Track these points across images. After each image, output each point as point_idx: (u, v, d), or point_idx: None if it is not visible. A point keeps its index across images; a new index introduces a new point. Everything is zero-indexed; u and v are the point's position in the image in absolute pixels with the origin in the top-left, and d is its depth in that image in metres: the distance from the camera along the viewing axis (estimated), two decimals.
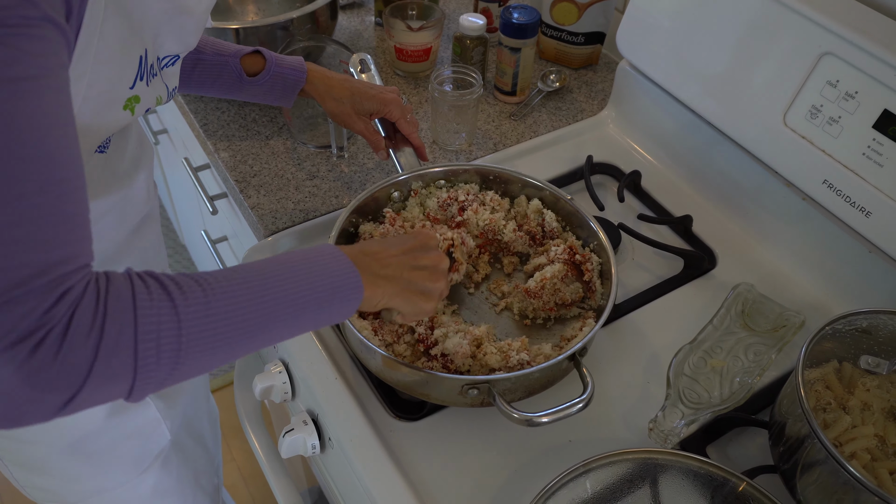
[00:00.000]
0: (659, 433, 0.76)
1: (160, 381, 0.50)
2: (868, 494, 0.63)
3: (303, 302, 0.57)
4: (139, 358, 0.47)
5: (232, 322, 0.52)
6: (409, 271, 0.67)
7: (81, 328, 0.46)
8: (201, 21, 0.71)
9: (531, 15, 1.15)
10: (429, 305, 0.69)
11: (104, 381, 0.47)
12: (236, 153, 1.11)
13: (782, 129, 0.90)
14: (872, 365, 0.70)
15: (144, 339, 0.48)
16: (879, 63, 0.78)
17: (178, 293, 0.50)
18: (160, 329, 0.48)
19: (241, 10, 1.35)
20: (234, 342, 0.53)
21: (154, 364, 0.48)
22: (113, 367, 0.47)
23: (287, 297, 0.56)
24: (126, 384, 0.48)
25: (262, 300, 0.54)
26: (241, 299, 0.53)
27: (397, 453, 0.77)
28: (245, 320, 0.53)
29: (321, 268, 0.59)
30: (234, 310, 0.52)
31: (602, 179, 1.12)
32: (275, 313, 0.55)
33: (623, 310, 0.92)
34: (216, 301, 0.51)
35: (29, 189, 0.45)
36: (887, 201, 0.81)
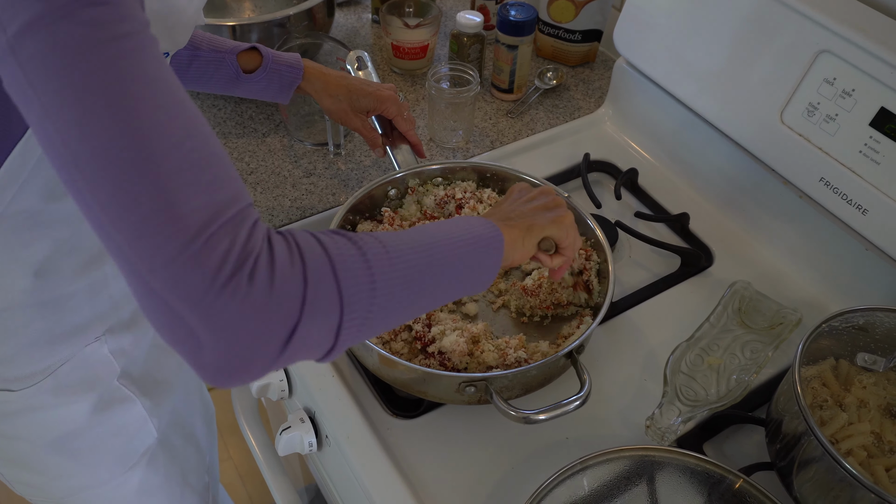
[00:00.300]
0: (656, 430, 0.76)
1: (362, 316, 0.50)
2: (864, 491, 0.63)
3: (457, 250, 0.59)
4: (342, 287, 0.48)
5: (409, 266, 0.53)
6: (529, 208, 0.72)
7: (283, 256, 0.46)
8: (192, 19, 0.71)
9: (528, 12, 1.15)
10: (568, 217, 0.72)
11: (318, 309, 0.47)
12: (233, 150, 1.11)
13: (779, 126, 0.90)
14: (869, 362, 0.70)
15: (343, 270, 0.48)
16: (876, 61, 0.79)
17: (359, 240, 0.51)
18: (353, 265, 0.49)
19: (238, 6, 1.35)
20: (414, 285, 0.54)
21: (357, 294, 0.49)
22: (322, 293, 0.47)
23: (443, 246, 0.58)
24: (335, 315, 0.48)
25: (427, 249, 0.56)
26: (411, 248, 0.55)
27: (394, 451, 0.77)
28: (418, 265, 0.54)
29: (465, 223, 0.62)
30: (408, 255, 0.54)
31: (599, 177, 1.12)
32: (439, 259, 0.57)
33: (620, 307, 0.92)
34: (392, 248, 0.53)
35: (178, 134, 0.45)
36: (884, 199, 0.81)
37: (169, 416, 0.95)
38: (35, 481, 0.87)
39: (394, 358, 0.74)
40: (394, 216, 0.91)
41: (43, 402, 0.78)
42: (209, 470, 1.16)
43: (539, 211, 0.72)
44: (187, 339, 0.45)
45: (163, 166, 0.44)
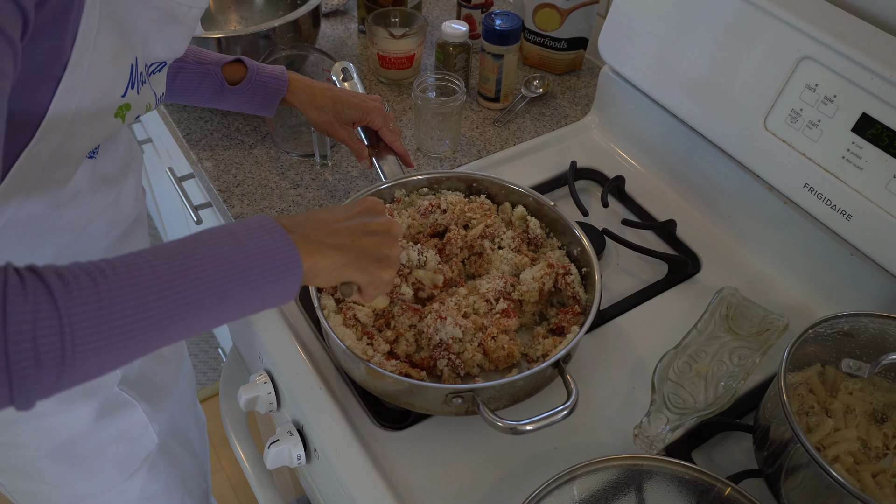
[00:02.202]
0: (644, 439, 0.76)
1: (47, 386, 0.44)
2: (852, 498, 0.63)
3: (227, 285, 0.49)
4: (12, 363, 0.42)
5: (133, 317, 0.45)
6: (360, 238, 0.60)
7: None
8: (191, 29, 0.71)
9: (513, 21, 1.15)
10: (387, 274, 0.62)
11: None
12: (220, 162, 1.10)
13: (763, 133, 0.90)
14: (854, 368, 0.70)
15: (16, 339, 0.42)
16: (857, 67, 0.79)
17: (59, 286, 0.43)
18: (36, 329, 0.42)
19: (224, 18, 1.35)
20: (140, 338, 0.46)
21: (33, 369, 0.42)
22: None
23: (206, 280, 0.48)
24: (3, 393, 0.42)
25: (173, 289, 0.47)
26: (145, 288, 0.46)
27: (382, 463, 0.77)
28: (151, 314, 0.46)
29: (249, 241, 0.51)
30: (134, 301, 0.45)
31: (586, 185, 1.12)
32: (192, 303, 0.48)
33: (608, 315, 0.92)
34: (111, 293, 0.45)
35: None
36: (867, 204, 0.81)
37: (168, 422, 0.95)
38: (36, 490, 0.87)
39: (380, 370, 0.74)
40: (392, 209, 0.91)
41: (44, 409, 0.78)
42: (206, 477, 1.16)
43: (367, 246, 0.61)
44: None
45: None
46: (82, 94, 0.58)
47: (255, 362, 0.96)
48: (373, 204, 0.66)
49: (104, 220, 0.77)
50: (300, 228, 0.56)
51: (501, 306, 0.84)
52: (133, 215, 0.84)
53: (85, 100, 0.59)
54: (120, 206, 0.80)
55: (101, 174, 0.73)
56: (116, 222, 0.80)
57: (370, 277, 0.61)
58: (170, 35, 0.68)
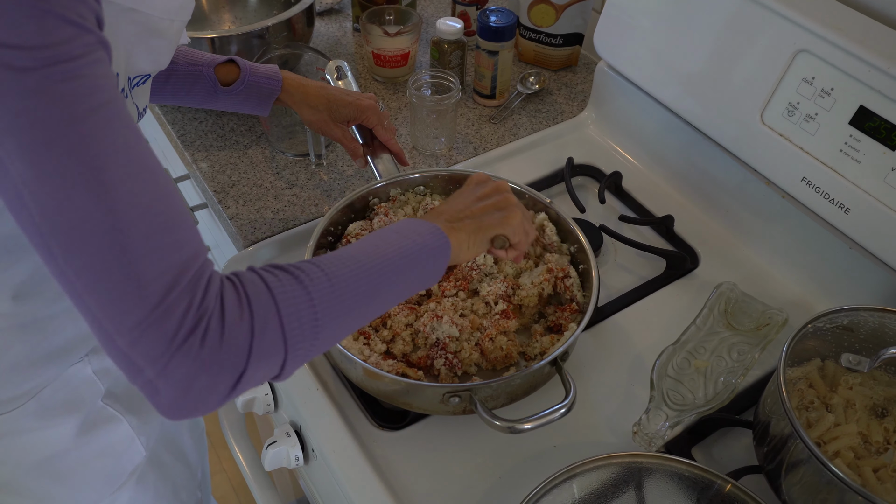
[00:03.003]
0: (643, 436, 0.75)
1: (307, 351, 0.54)
2: (853, 494, 0.62)
3: (402, 262, 0.62)
4: (286, 332, 0.52)
5: (351, 292, 0.57)
6: (477, 207, 0.72)
7: (233, 312, 0.50)
8: (173, 42, 0.70)
9: (508, 18, 1.15)
10: (517, 216, 0.73)
11: (263, 356, 0.51)
12: (215, 163, 1.10)
13: (760, 127, 0.90)
14: (853, 363, 0.70)
15: (287, 314, 0.52)
16: (854, 59, 0.78)
17: (302, 275, 0.55)
18: (297, 305, 0.53)
19: (217, 18, 1.34)
20: (357, 308, 0.58)
21: (300, 336, 0.53)
22: (267, 342, 0.51)
23: (387, 262, 0.61)
24: (279, 357, 0.52)
25: (371, 268, 0.59)
26: (354, 271, 0.58)
27: (381, 463, 0.76)
28: (360, 289, 0.58)
29: (409, 232, 0.65)
30: (351, 281, 0.57)
31: (583, 181, 1.11)
32: (383, 277, 0.60)
33: (606, 312, 0.92)
34: (336, 277, 0.56)
35: (146, 200, 0.48)
36: (866, 197, 0.81)
37: (157, 433, 0.94)
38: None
39: (377, 370, 0.73)
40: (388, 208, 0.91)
41: (26, 425, 0.77)
42: (201, 485, 1.15)
43: (488, 211, 0.73)
44: (146, 385, 0.50)
45: (132, 235, 0.47)
46: None
47: None
48: (478, 177, 0.78)
49: None
50: (436, 219, 0.69)
51: (501, 307, 0.83)
52: None
53: None
54: None
55: None
56: None
57: (504, 225, 0.72)
58: (153, 48, 0.67)
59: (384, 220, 0.89)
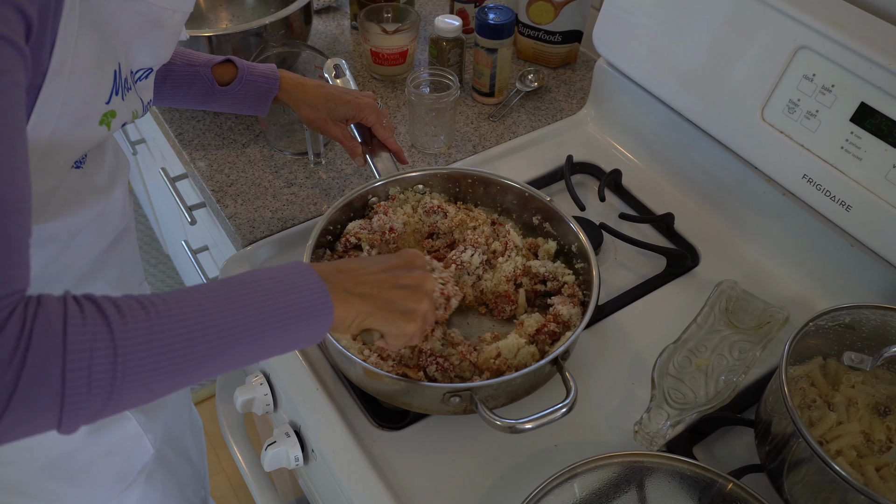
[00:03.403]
0: (644, 435, 0.75)
1: (93, 412, 0.46)
2: (855, 493, 0.62)
3: (264, 324, 0.52)
4: (67, 388, 0.44)
5: (179, 349, 0.48)
6: (388, 290, 0.62)
7: (2, 356, 0.42)
8: (175, 34, 0.70)
9: (507, 15, 1.14)
10: (410, 327, 0.64)
11: (26, 412, 0.43)
12: (213, 162, 1.09)
13: (760, 124, 0.89)
14: (856, 361, 0.69)
15: (74, 367, 0.44)
16: (855, 56, 0.78)
17: (116, 317, 0.46)
18: (92, 357, 0.44)
19: (215, 17, 1.33)
20: (181, 371, 0.48)
21: (84, 395, 0.45)
22: (36, 397, 0.43)
23: (246, 319, 0.51)
24: (53, 416, 0.45)
25: (216, 324, 0.50)
26: (192, 323, 0.49)
27: (381, 463, 0.76)
28: (195, 347, 0.49)
29: (286, 285, 0.55)
30: (181, 335, 0.48)
31: (583, 179, 1.11)
32: (231, 338, 0.51)
33: (606, 310, 0.91)
34: (161, 326, 0.47)
35: None
36: (867, 195, 0.81)
37: (163, 431, 0.94)
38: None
39: (377, 370, 0.73)
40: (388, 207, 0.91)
41: None
42: (203, 484, 1.15)
43: (395, 300, 0.62)
44: None
45: None
46: (64, 102, 0.57)
47: None
48: (410, 256, 0.67)
49: (92, 231, 0.76)
50: (332, 277, 0.59)
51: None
52: (121, 225, 0.83)
53: (67, 107, 0.58)
54: (107, 217, 0.78)
55: (89, 185, 0.72)
56: (104, 233, 0.79)
57: (392, 328, 0.63)
58: (154, 41, 0.67)
59: (384, 218, 0.89)
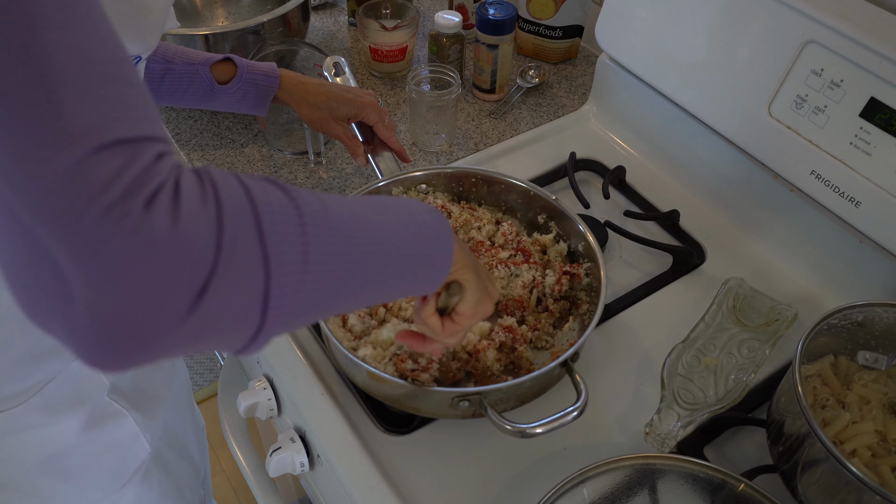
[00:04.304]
0: (655, 437, 0.74)
1: (295, 281, 0.39)
2: (872, 494, 0.61)
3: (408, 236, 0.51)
4: (267, 240, 0.37)
5: (347, 232, 0.44)
6: (474, 263, 0.62)
7: (192, 192, 0.36)
8: (161, 18, 0.68)
9: (507, 10, 1.13)
10: (489, 306, 0.63)
11: (235, 262, 0.36)
12: (211, 162, 1.08)
13: (767, 119, 0.88)
14: (871, 361, 0.68)
15: (267, 218, 0.38)
16: (864, 50, 0.77)
17: (292, 191, 0.41)
18: (282, 213, 0.39)
19: (210, 15, 1.32)
20: (353, 257, 0.44)
21: (284, 253, 0.38)
22: (241, 244, 0.36)
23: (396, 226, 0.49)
24: (260, 276, 0.37)
25: (375, 226, 0.47)
26: (352, 216, 0.45)
27: (388, 468, 0.75)
28: (357, 237, 0.45)
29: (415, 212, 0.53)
30: (348, 221, 0.44)
31: (586, 176, 1.10)
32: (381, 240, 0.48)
33: (613, 310, 0.90)
34: (333, 211, 0.43)
35: (111, 55, 0.37)
36: (877, 190, 0.80)
37: (161, 429, 0.93)
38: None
39: (383, 375, 0.72)
40: None
41: (31, 421, 0.75)
42: (203, 484, 1.14)
43: (484, 277, 0.63)
44: (54, 293, 0.34)
45: (64, 74, 0.35)
46: None
47: (253, 367, 0.94)
48: None
49: None
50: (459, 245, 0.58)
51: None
52: None
53: None
54: None
55: None
56: None
57: (478, 296, 0.61)
58: (140, 26, 0.65)
59: None
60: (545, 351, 0.82)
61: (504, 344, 0.79)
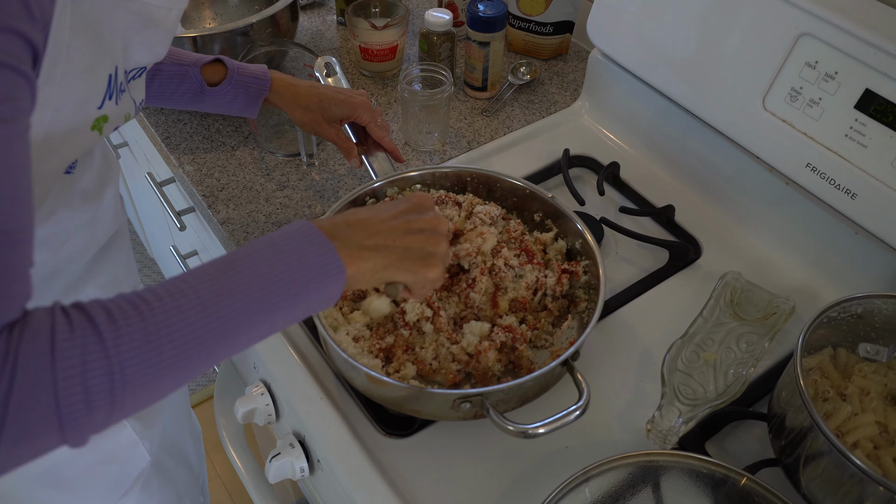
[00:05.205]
0: (657, 433, 0.74)
1: (99, 423, 0.43)
2: (874, 485, 0.61)
3: (271, 301, 0.49)
4: (62, 407, 0.41)
5: (180, 345, 0.45)
6: (403, 237, 0.59)
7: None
8: (171, 31, 0.69)
9: (498, 7, 1.12)
10: (434, 272, 0.61)
11: (24, 437, 0.41)
12: (202, 166, 1.07)
13: (762, 113, 0.88)
14: (872, 353, 0.68)
15: (66, 384, 0.41)
16: (859, 42, 0.77)
17: (106, 323, 0.43)
18: (86, 371, 0.42)
19: (198, 16, 1.30)
20: (186, 365, 0.46)
21: (83, 410, 0.42)
22: (31, 420, 0.41)
23: (250, 300, 0.48)
24: (55, 436, 0.42)
25: (218, 312, 0.47)
26: (191, 316, 0.45)
27: (390, 472, 0.74)
28: (197, 339, 0.46)
29: (290, 253, 0.51)
30: (181, 330, 0.45)
31: (580, 172, 1.09)
32: (237, 323, 0.47)
33: (611, 307, 0.90)
34: (157, 325, 0.44)
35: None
36: (873, 182, 0.80)
37: (160, 437, 0.92)
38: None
39: (384, 378, 0.71)
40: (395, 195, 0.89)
41: None
42: (203, 490, 1.13)
43: (412, 247, 0.59)
44: None
45: None
46: (55, 110, 0.55)
47: (250, 373, 0.93)
48: (420, 199, 0.63)
49: (83, 236, 0.74)
50: (340, 232, 0.55)
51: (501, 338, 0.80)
52: (113, 228, 0.81)
53: (59, 115, 0.56)
54: (100, 221, 0.76)
55: (79, 190, 0.70)
56: (96, 238, 0.77)
57: (416, 277, 0.60)
58: (150, 38, 0.65)
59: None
60: (544, 350, 0.82)
61: (504, 344, 0.78)
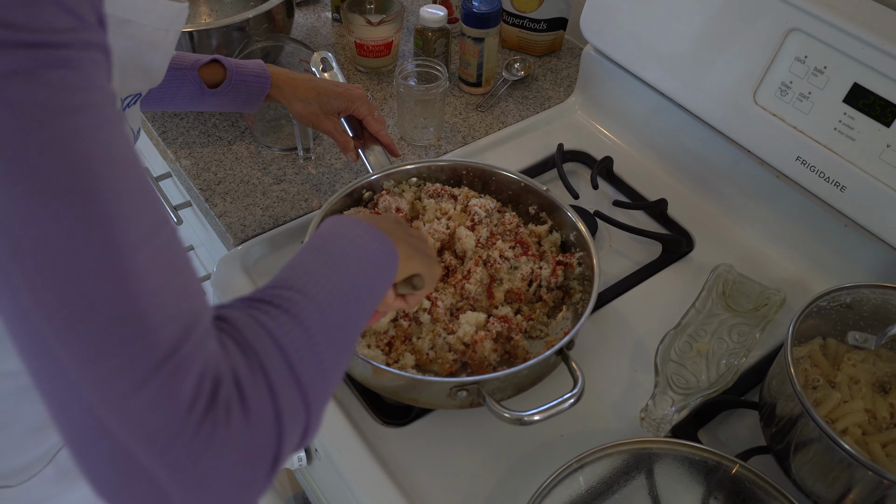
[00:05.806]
0: (651, 422, 0.75)
1: (323, 399, 0.44)
2: (864, 470, 0.63)
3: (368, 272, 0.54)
4: (304, 383, 0.42)
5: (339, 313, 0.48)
6: (406, 236, 0.63)
7: (242, 367, 0.39)
8: (168, 54, 0.67)
9: (492, 4, 1.13)
10: (438, 269, 0.67)
11: (289, 420, 0.40)
12: (198, 160, 1.07)
13: (753, 107, 0.90)
14: (860, 341, 0.70)
15: (298, 360, 0.42)
16: (847, 37, 0.78)
17: (291, 306, 0.44)
18: (302, 346, 0.43)
19: (194, 11, 1.31)
20: (351, 329, 0.49)
21: (315, 381, 0.43)
22: (289, 402, 0.41)
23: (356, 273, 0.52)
24: (303, 417, 0.42)
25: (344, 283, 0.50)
26: (332, 291, 0.48)
27: (387, 460, 0.75)
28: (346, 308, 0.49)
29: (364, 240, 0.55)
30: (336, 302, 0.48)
31: (574, 167, 1.10)
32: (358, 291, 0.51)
33: (604, 298, 0.91)
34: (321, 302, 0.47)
35: (148, 230, 0.37)
36: (861, 175, 0.81)
37: None
38: None
39: (380, 366, 0.72)
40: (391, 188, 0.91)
41: (46, 493, 0.72)
42: None
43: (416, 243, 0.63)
44: (149, 497, 0.36)
45: (130, 266, 0.35)
46: None
47: None
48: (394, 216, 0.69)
49: None
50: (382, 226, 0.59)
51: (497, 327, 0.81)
52: None
53: None
54: None
55: None
56: None
57: (430, 269, 0.64)
58: (147, 63, 0.64)
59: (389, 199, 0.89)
60: (539, 340, 0.83)
61: (500, 334, 0.79)
